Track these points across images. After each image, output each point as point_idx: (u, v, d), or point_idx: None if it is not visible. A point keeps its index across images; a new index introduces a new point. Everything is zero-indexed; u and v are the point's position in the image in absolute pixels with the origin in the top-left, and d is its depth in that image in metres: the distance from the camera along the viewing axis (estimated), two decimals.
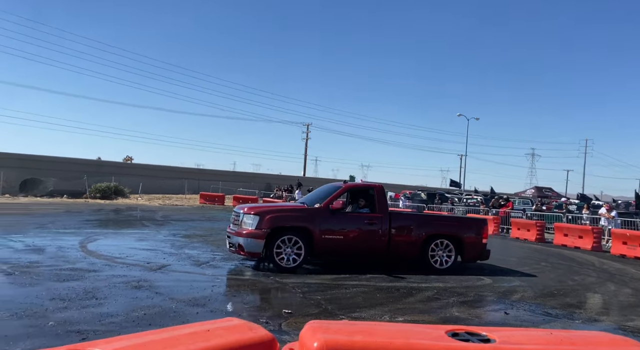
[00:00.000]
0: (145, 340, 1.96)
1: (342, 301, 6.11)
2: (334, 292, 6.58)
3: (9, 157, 29.22)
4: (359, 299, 6.29)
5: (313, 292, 6.51)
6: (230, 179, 38.59)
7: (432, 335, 1.86)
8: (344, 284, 7.23)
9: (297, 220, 8.11)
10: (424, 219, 9.31)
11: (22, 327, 4.31)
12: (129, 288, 6.17)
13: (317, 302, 5.92)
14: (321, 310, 5.53)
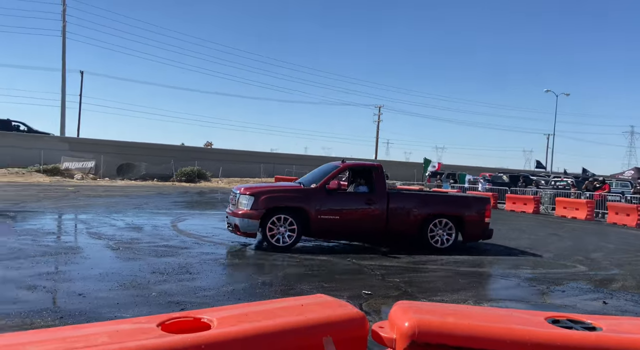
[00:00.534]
0: (247, 311, 2.11)
1: (422, 284, 6.06)
2: (412, 275, 6.55)
3: (109, 144, 32.24)
4: (440, 283, 6.20)
5: (391, 274, 6.52)
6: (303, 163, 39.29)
7: (532, 321, 1.80)
8: (423, 267, 7.16)
9: (291, 201, 8.15)
10: (423, 198, 9.06)
11: (130, 297, 4.83)
12: (218, 265, 6.62)
13: (396, 285, 5.93)
14: (401, 292, 5.54)
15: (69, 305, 4.45)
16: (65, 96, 37.12)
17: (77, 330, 1.80)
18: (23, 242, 7.42)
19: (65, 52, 36.85)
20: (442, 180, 28.58)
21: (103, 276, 5.59)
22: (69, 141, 32.18)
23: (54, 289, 5.00)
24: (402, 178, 37.39)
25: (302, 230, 8.06)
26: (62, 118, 36.86)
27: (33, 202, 13.77)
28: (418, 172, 38.82)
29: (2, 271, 5.59)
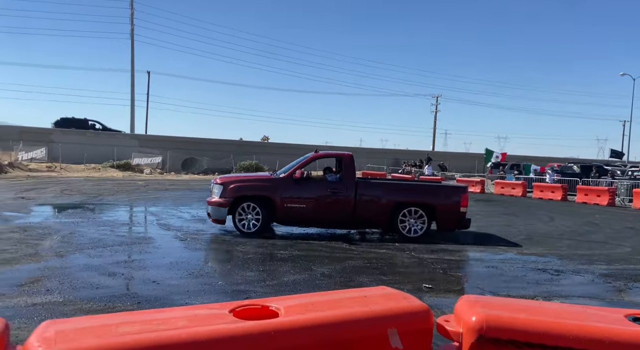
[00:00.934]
0: (312, 301, 2.18)
1: (486, 279, 5.88)
2: (474, 270, 6.37)
3: (174, 140, 34.03)
4: (506, 278, 5.98)
5: (453, 268, 6.39)
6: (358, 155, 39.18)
7: (609, 318, 1.71)
8: (486, 259, 6.93)
9: (258, 190, 8.52)
10: (393, 187, 9.03)
11: (199, 285, 5.11)
12: (277, 256, 6.81)
13: (458, 279, 5.80)
14: (463, 286, 5.41)
15: (145, 291, 4.79)
16: (134, 95, 39.56)
17: (160, 313, 1.95)
18: (102, 233, 8.06)
19: (133, 54, 39.19)
20: (505, 172, 27.34)
21: (173, 265, 5.95)
22: (139, 138, 34.28)
23: (130, 276, 5.40)
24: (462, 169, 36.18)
25: (268, 217, 8.44)
26: (132, 116, 39.33)
27: (109, 195, 14.86)
28: (479, 163, 37.34)
29: (86, 259, 6.11)
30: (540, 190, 21.07)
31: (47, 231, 7.94)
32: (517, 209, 15.57)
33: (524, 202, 18.81)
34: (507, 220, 12.46)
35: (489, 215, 13.57)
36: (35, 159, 27.15)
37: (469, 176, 30.21)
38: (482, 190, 23.73)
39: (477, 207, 15.63)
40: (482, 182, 24.52)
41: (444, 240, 8.65)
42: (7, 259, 5.90)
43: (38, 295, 4.50)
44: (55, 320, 1.84)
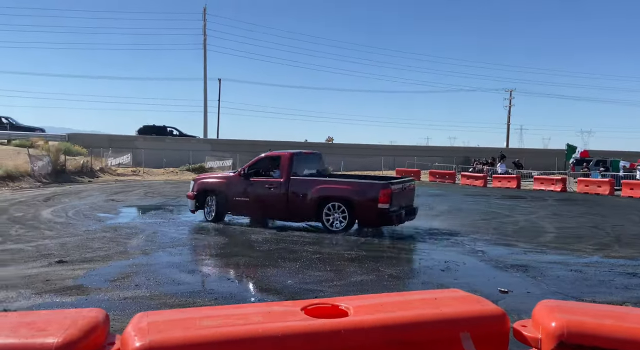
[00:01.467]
0: (382, 301, 2.20)
1: (569, 283, 5.50)
2: (556, 274, 5.98)
3: (243, 143, 35.46)
4: (591, 282, 5.56)
5: (533, 272, 6.05)
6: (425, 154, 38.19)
7: None
8: (570, 262, 6.48)
9: (215, 186, 10.10)
10: (317, 183, 9.42)
11: (270, 283, 5.30)
12: (345, 257, 6.87)
13: (538, 283, 5.49)
14: (544, 291, 5.12)
15: (221, 288, 5.07)
16: (206, 102, 41.79)
17: (238, 309, 2.07)
18: (181, 233, 8.62)
19: (206, 63, 41.41)
20: (589, 169, 25.28)
21: (246, 264, 6.22)
22: (211, 142, 36.16)
23: (208, 274, 5.74)
24: (540, 167, 33.93)
25: (222, 209, 9.89)
26: (205, 122, 41.56)
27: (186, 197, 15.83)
28: (560, 159, 34.87)
29: (168, 257, 6.58)
30: (630, 188, 19.22)
31: (134, 231, 8.65)
32: (603, 209, 14.34)
33: (612, 202, 17.27)
34: (591, 220, 11.54)
35: (572, 215, 12.64)
36: (122, 164, 29.60)
37: (548, 174, 28.31)
38: (564, 189, 22.14)
39: (559, 207, 14.62)
40: (564, 180, 22.87)
41: (524, 241, 8.22)
42: (102, 256, 6.53)
43: (128, 289, 4.94)
44: (148, 313, 2.02)
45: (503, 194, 19.80)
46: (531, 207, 14.44)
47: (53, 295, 4.71)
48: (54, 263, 6.01)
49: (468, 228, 9.90)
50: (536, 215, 12.43)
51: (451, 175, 28.56)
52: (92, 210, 11.54)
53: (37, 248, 6.95)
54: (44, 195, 14.68)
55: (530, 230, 9.73)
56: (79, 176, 22.75)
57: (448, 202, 15.54)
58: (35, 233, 8.23)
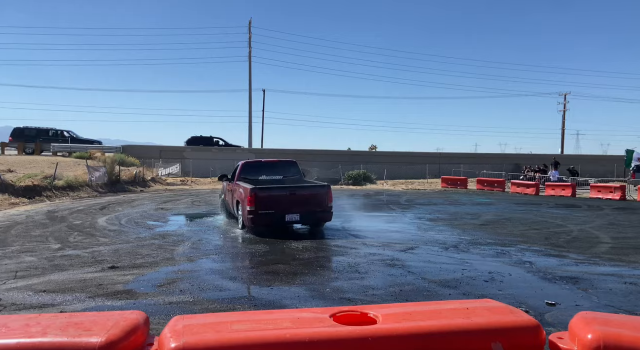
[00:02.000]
0: (411, 310, 2.19)
1: (622, 296, 5.17)
2: (609, 286, 5.63)
3: (287, 152, 35.99)
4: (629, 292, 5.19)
5: (585, 284, 5.73)
6: (472, 161, 37.14)
7: None
8: (624, 274, 6.08)
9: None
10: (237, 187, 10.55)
11: (308, 291, 5.35)
12: (384, 265, 6.81)
13: (588, 295, 5.19)
14: (594, 304, 4.84)
15: (260, 295, 5.18)
16: (251, 112, 42.87)
17: (268, 314, 2.13)
18: (224, 241, 8.87)
19: (251, 75, 42.58)
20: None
21: (286, 271, 6.31)
22: (255, 152, 36.96)
23: (248, 281, 5.87)
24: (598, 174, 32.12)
25: None
26: (250, 131, 42.61)
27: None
28: (619, 166, 32.83)
29: (211, 264, 6.80)
30: None
31: (180, 238, 9.00)
32: None
33: None
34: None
35: (630, 225, 11.84)
36: (171, 173, 30.88)
37: (606, 181, 26.71)
38: (623, 197, 20.78)
39: (616, 216, 13.75)
40: (622, 187, 21.47)
41: (576, 252, 7.81)
42: (150, 262, 6.84)
43: (173, 295, 5.15)
44: (184, 316, 2.13)
45: (556, 203, 18.86)
46: (586, 217, 13.67)
47: (104, 298, 5.00)
48: (106, 268, 6.37)
49: (516, 238, 9.52)
50: (591, 224, 11.75)
51: (500, 183, 27.56)
52: (142, 218, 12.12)
53: (92, 254, 7.39)
54: (100, 204, 15.58)
55: (584, 241, 9.21)
56: (132, 186, 23.95)
57: (496, 211, 15.01)
58: (91, 240, 8.75)
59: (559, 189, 24.09)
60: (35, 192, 17.11)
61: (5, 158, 25.42)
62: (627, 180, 25.28)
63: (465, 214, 14.08)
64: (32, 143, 30.94)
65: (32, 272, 6.18)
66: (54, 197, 17.45)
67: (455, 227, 11.17)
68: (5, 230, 9.73)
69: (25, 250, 7.68)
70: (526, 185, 25.58)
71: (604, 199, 21.17)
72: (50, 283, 5.60)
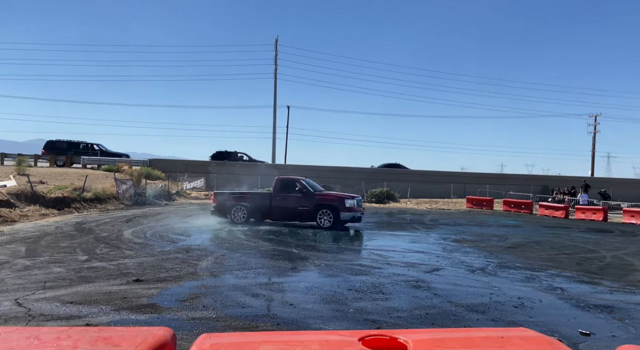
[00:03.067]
0: (442, 337, 2.11)
1: None
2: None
3: (309, 169, 36.15)
4: None
5: (619, 313, 5.47)
6: (498, 182, 36.40)
7: None
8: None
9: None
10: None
11: (331, 311, 5.27)
12: (409, 287, 6.67)
13: (624, 325, 4.94)
14: (631, 335, 4.60)
15: (283, 313, 5.13)
16: (275, 128, 43.37)
17: (296, 335, 2.09)
18: (247, 256, 8.87)
19: (276, 91, 43.23)
20: None
21: (308, 289, 6.25)
22: (278, 168, 37.24)
23: (270, 298, 5.83)
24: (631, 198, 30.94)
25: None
26: (274, 147, 43.04)
27: None
28: None
29: (234, 280, 6.80)
30: None
31: (204, 253, 9.06)
32: None
33: None
34: None
35: None
36: (196, 188, 31.34)
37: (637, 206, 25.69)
38: None
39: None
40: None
41: (610, 279, 7.49)
42: (174, 276, 6.89)
43: (196, 310, 5.15)
44: (211, 334, 2.11)
45: (587, 227, 18.23)
46: (619, 242, 13.13)
47: (129, 312, 5.04)
48: (131, 281, 6.45)
49: (546, 262, 9.21)
50: (625, 251, 11.27)
51: (528, 204, 26.88)
52: (167, 231, 12.28)
53: (118, 267, 7.50)
54: (126, 217, 15.89)
55: (618, 268, 8.83)
56: (157, 199, 24.39)
57: (523, 234, 14.59)
58: (116, 252, 8.90)
59: (589, 212, 23.32)
60: (64, 203, 17.61)
61: (38, 170, 26.32)
62: None
63: (491, 236, 13.74)
64: (63, 156, 32.04)
65: (60, 283, 6.30)
66: (82, 208, 17.91)
67: (482, 249, 10.89)
68: (35, 241, 10.01)
69: (54, 261, 7.86)
70: (555, 208, 24.86)
71: (638, 224, 20.35)
72: (77, 295, 5.69)
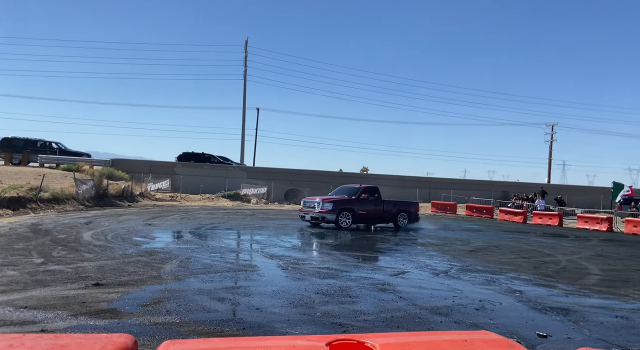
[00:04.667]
0: (409, 340, 2.14)
1: (613, 330, 5.15)
2: (600, 320, 5.61)
3: (278, 172, 35.96)
4: (638, 330, 5.17)
5: (574, 316, 5.71)
6: (462, 187, 37.40)
7: None
8: (615, 307, 6.08)
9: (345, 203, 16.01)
10: (395, 202, 18.04)
11: (298, 314, 5.25)
12: (376, 290, 6.73)
13: (579, 327, 5.16)
14: (585, 337, 4.81)
15: (249, 317, 5.06)
16: (244, 130, 42.97)
17: (262, 341, 2.07)
18: (213, 259, 8.73)
19: (245, 93, 42.85)
20: (638, 209, 23.94)
21: (275, 293, 6.21)
22: (247, 170, 36.86)
23: (237, 302, 5.75)
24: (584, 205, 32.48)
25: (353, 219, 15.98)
26: (242, 149, 42.62)
27: (220, 223, 16.10)
28: (605, 198, 33.30)
29: (199, 284, 6.66)
30: None
31: (168, 256, 8.84)
32: None
33: None
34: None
35: (619, 257, 11.94)
36: (161, 189, 30.56)
37: (593, 212, 27.00)
38: (610, 229, 21.02)
39: (604, 248, 13.86)
40: (610, 219, 21.73)
41: (566, 283, 7.81)
42: (136, 280, 6.68)
43: (159, 315, 5.01)
44: (174, 341, 2.05)
45: (544, 232, 18.99)
46: (574, 247, 13.75)
47: (87, 317, 4.84)
48: (90, 285, 6.20)
49: (505, 266, 9.52)
50: (579, 255, 11.81)
51: (489, 210, 27.75)
52: (129, 234, 11.91)
53: (76, 270, 7.21)
54: (86, 218, 15.31)
55: (573, 271, 9.24)
56: (120, 200, 23.63)
57: (485, 238, 15.04)
58: (75, 255, 8.55)
59: (546, 218, 24.31)
60: (19, 203, 16.77)
61: None
62: (614, 212, 25.60)
63: (455, 240, 14.09)
64: (19, 154, 30.55)
65: (13, 286, 5.99)
66: (38, 209, 17.12)
67: (446, 252, 11.15)
68: None
69: (7, 264, 7.46)
70: (514, 213, 25.77)
71: (591, 229, 21.37)
72: (31, 299, 5.42)
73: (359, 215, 15.97)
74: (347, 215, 15.57)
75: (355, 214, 15.80)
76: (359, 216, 15.96)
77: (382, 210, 16.71)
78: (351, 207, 15.77)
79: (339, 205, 15.55)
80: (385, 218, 16.96)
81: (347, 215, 15.55)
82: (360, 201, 16.22)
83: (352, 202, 16.11)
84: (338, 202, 15.77)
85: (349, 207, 15.75)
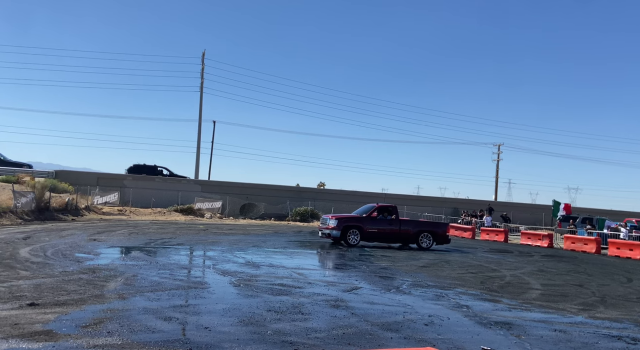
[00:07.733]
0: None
1: (552, 344, 5.40)
2: (539, 333, 5.88)
3: (234, 186, 35.34)
4: (574, 344, 5.46)
5: (516, 330, 5.94)
6: (415, 203, 38.35)
7: None
8: (554, 321, 6.40)
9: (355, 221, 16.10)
10: (417, 222, 17.73)
11: (249, 333, 5.14)
12: (328, 306, 6.72)
13: (521, 341, 5.38)
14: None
15: (197, 337, 4.89)
16: (200, 143, 42.07)
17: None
18: (162, 276, 8.41)
19: (201, 105, 42.13)
20: (576, 225, 25.51)
21: (226, 311, 6.05)
22: (201, 184, 36.02)
23: (185, 321, 5.55)
24: (527, 221, 34.19)
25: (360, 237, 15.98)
26: (197, 163, 41.64)
27: (171, 239, 15.58)
28: (547, 215, 35.23)
29: (145, 302, 6.38)
30: (617, 248, 19.35)
31: (113, 273, 8.42)
32: (589, 267, 14.36)
33: (598, 260, 17.33)
34: (577, 279, 11.51)
35: (558, 272, 12.62)
36: (108, 202, 29.23)
37: (535, 228, 28.47)
38: (550, 245, 22.21)
39: (545, 263, 14.61)
40: (550, 236, 22.99)
41: (509, 297, 8.13)
42: (76, 299, 6.30)
43: (100, 336, 4.74)
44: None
45: (491, 247, 19.77)
46: (518, 262, 14.41)
47: (20, 340, 4.50)
48: (25, 305, 5.79)
49: (454, 281, 9.81)
50: (522, 270, 12.38)
51: None
52: (71, 250, 11.27)
53: (10, 289, 6.71)
54: (24, 233, 14.35)
55: (516, 286, 9.66)
56: (63, 214, 22.38)
57: (435, 254, 15.45)
58: (9, 273, 7.98)
59: (493, 233, 25.37)
60: None
61: None
62: (554, 229, 27.12)
63: (406, 256, 14.38)
64: None
65: None
66: None
67: (398, 268, 11.34)
68: None
69: None
70: (464, 229, 26.72)
71: (533, 245, 22.49)
72: None
73: (369, 233, 15.85)
74: (355, 232, 15.56)
75: (365, 231, 15.70)
76: (368, 234, 15.83)
77: (399, 230, 16.25)
78: (359, 225, 15.69)
79: (345, 223, 15.59)
80: (403, 238, 16.46)
81: (354, 232, 15.55)
82: (371, 219, 16.02)
83: (361, 220, 15.96)
84: (343, 220, 15.76)
85: (356, 224, 15.68)
